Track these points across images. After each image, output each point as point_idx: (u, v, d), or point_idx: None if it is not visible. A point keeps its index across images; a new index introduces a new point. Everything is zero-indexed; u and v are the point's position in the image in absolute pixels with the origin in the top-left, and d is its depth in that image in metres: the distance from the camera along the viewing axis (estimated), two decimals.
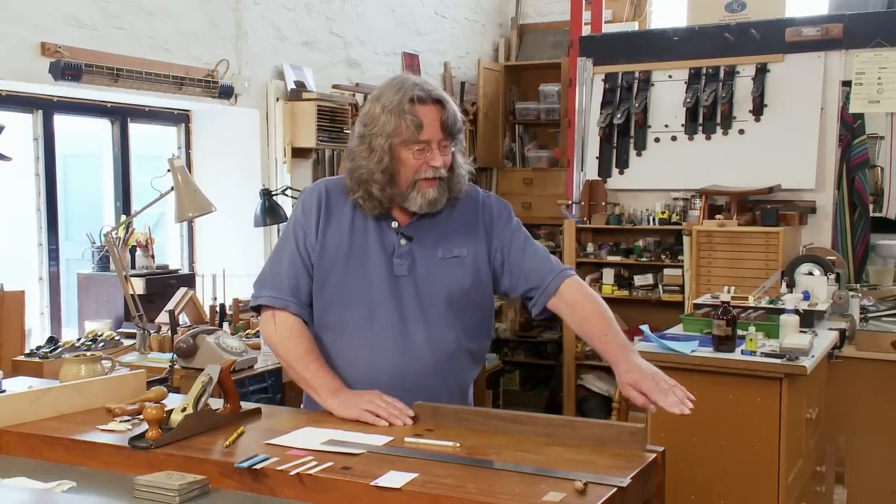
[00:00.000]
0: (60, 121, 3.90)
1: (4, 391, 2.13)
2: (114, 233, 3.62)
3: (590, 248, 5.40)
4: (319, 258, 2.13)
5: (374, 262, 2.12)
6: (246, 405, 2.03)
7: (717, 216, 4.81)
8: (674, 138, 5.27)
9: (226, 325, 3.86)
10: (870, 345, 3.71)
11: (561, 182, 6.05)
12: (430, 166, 2.06)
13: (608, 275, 5.35)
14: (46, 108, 3.81)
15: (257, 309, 2.20)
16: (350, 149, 2.14)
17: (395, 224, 2.15)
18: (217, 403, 1.97)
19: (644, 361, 2.02)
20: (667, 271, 5.15)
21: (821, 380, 3.43)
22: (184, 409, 1.85)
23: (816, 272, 3.99)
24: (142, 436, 1.78)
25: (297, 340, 2.13)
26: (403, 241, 2.13)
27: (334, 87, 5.02)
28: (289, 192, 4.35)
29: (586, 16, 5.84)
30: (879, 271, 4.96)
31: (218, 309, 3.91)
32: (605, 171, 5.44)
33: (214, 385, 1.93)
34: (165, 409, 1.85)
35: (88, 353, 2.52)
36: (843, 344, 3.57)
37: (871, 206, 5.10)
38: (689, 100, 5.17)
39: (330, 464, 1.64)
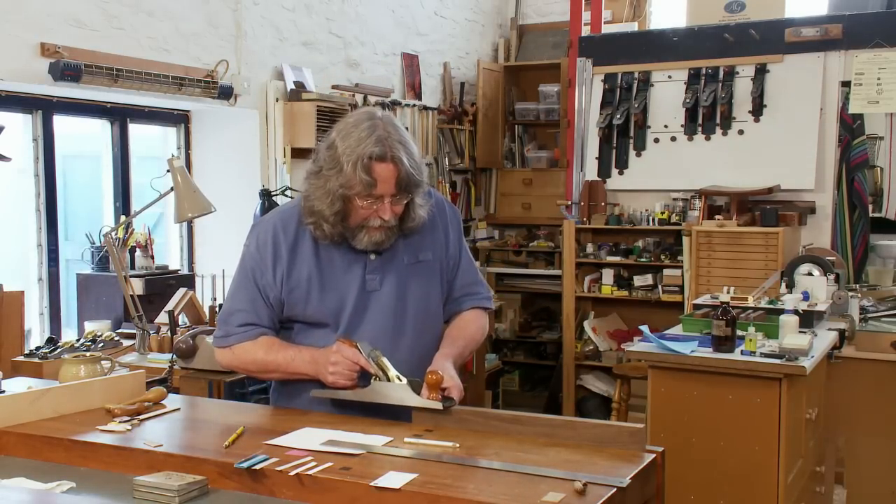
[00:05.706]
0: (60, 121, 3.90)
1: (4, 392, 2.13)
2: (113, 233, 3.61)
3: (589, 248, 5.40)
4: (290, 293, 2.14)
5: (347, 281, 2.15)
6: (245, 405, 2.03)
7: (717, 216, 4.81)
8: (673, 139, 5.27)
9: None
10: (869, 345, 3.71)
11: (560, 182, 6.05)
12: (378, 217, 2.07)
13: (608, 275, 5.35)
14: (46, 108, 3.81)
15: None
16: (308, 177, 2.13)
17: None
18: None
19: (449, 366, 2.13)
20: (666, 272, 5.15)
21: (820, 380, 3.43)
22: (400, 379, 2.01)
23: (816, 272, 3.98)
24: (448, 398, 1.96)
25: (250, 347, 2.15)
26: (373, 256, 2.16)
27: (334, 87, 5.02)
28: (288, 192, 4.35)
29: (586, 16, 5.83)
30: (879, 272, 4.97)
31: (217, 309, 3.91)
32: (604, 172, 5.44)
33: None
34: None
35: (88, 354, 2.51)
36: (842, 344, 3.57)
37: (870, 207, 5.10)
38: (688, 100, 5.17)
39: (329, 464, 1.64)
